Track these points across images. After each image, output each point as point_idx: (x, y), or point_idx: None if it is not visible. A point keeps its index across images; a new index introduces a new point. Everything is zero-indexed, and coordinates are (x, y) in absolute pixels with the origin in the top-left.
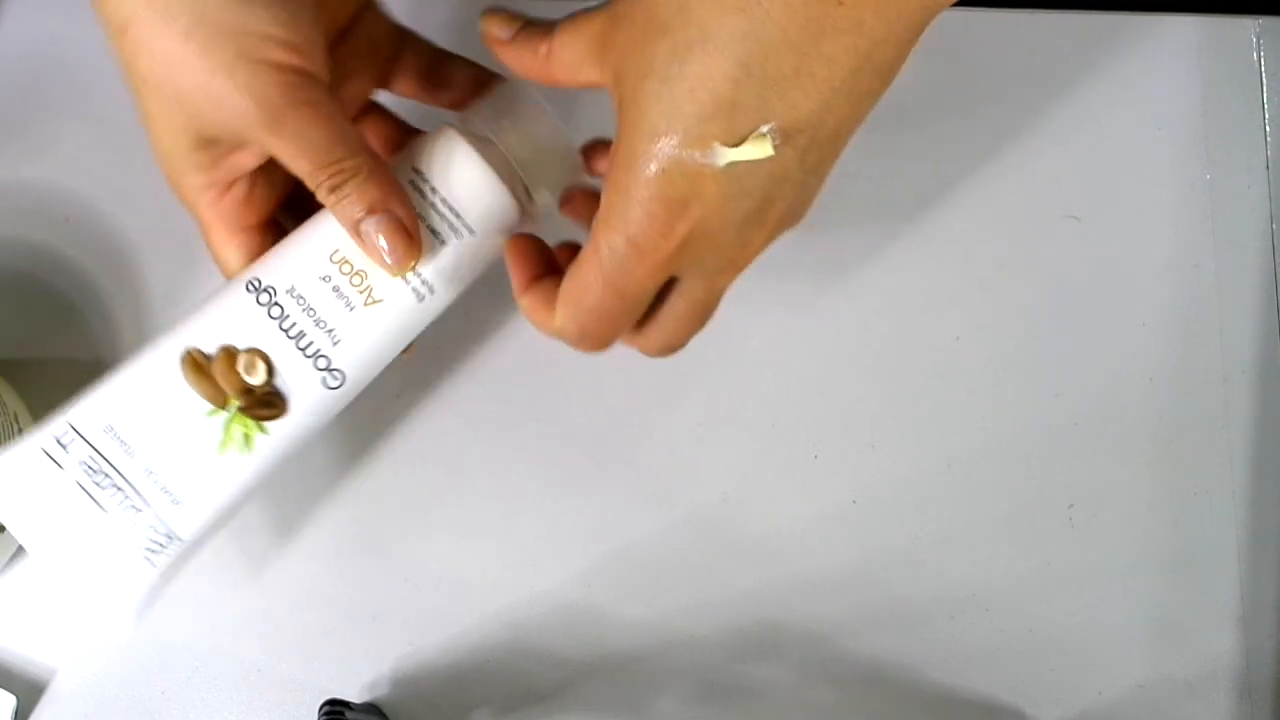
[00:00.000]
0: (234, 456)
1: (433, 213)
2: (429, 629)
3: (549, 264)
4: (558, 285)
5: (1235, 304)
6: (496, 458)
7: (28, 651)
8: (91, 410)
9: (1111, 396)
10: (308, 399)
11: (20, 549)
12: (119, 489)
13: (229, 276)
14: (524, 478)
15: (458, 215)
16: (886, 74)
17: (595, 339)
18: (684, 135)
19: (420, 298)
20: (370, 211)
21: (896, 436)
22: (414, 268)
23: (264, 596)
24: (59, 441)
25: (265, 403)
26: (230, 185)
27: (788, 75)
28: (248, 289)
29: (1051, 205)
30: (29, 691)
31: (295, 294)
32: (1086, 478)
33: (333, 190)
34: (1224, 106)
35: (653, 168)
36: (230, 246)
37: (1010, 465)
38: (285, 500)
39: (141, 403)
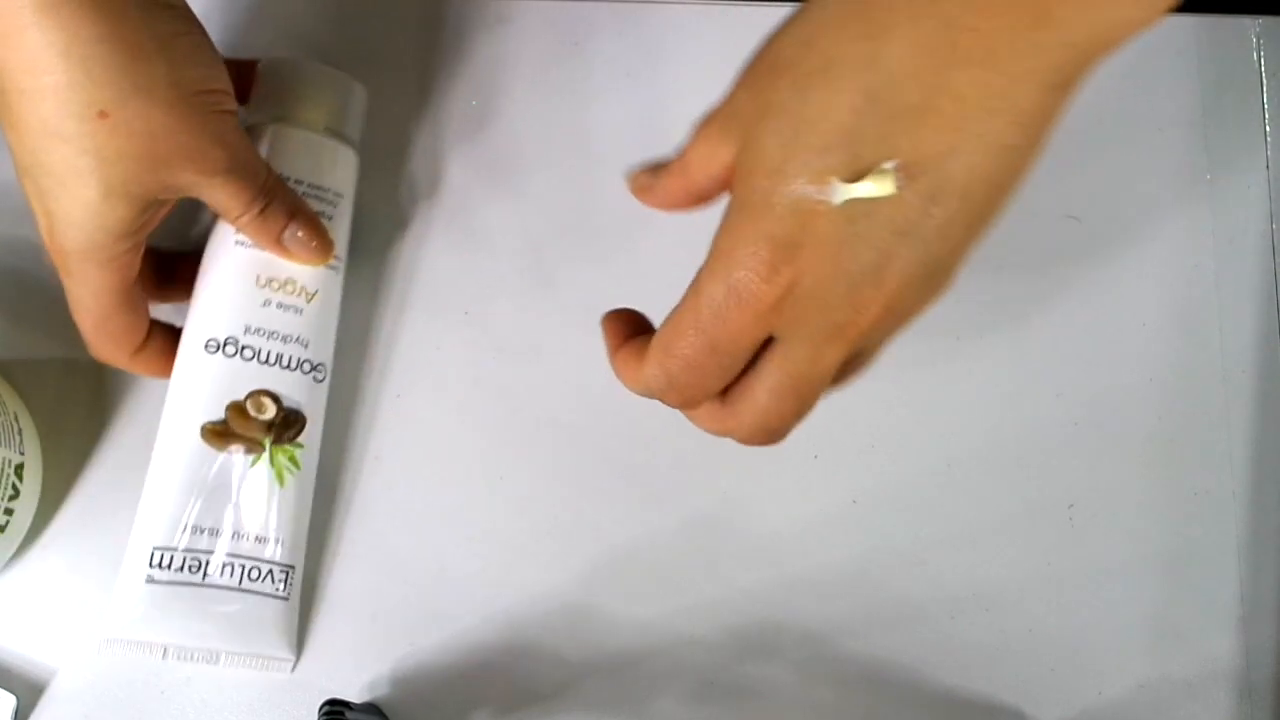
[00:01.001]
0: (293, 481)
1: (308, 199)
2: (429, 629)
3: (641, 326)
4: (648, 344)
5: (1235, 304)
6: (497, 458)
7: (28, 651)
8: (159, 521)
9: (1111, 396)
10: (311, 400)
11: (20, 549)
12: (228, 565)
13: (122, 336)
14: (524, 477)
15: (325, 189)
16: (1029, 125)
17: (683, 392)
18: (801, 168)
19: (337, 270)
20: (289, 220)
21: (896, 436)
22: (334, 251)
23: None
24: (156, 564)
25: (287, 425)
26: (141, 244)
27: (913, 107)
28: (209, 350)
29: (1051, 205)
30: (29, 691)
31: (253, 330)
32: (1086, 478)
33: (261, 211)
34: (1224, 107)
35: (762, 208)
36: (127, 308)
37: (1010, 465)
38: None
39: (194, 489)
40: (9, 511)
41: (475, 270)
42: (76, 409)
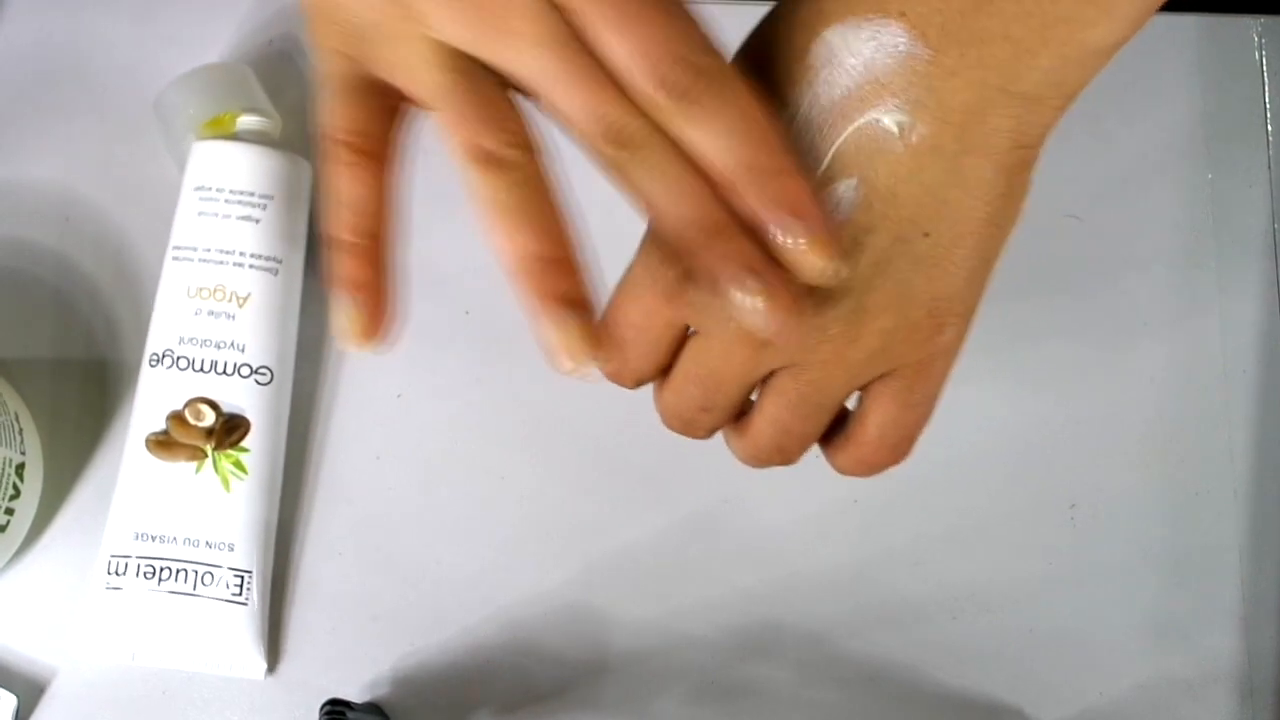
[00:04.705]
0: (240, 485)
1: (234, 207)
2: (429, 629)
3: None
4: None
5: (1236, 304)
6: (497, 458)
7: (29, 651)
8: (115, 532)
9: (1112, 396)
10: (258, 405)
11: (21, 549)
12: (182, 570)
13: None
14: (525, 478)
15: (250, 194)
16: (961, 127)
17: (610, 362)
18: None
19: (274, 273)
20: None
21: None
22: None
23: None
24: (113, 572)
25: (230, 431)
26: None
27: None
28: (151, 364)
29: (1051, 205)
30: (30, 691)
31: (186, 340)
32: (1087, 478)
33: None
34: (1225, 106)
35: None
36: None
37: (1010, 465)
38: (284, 502)
39: (144, 499)
40: (10, 511)
41: (475, 270)
42: (77, 409)
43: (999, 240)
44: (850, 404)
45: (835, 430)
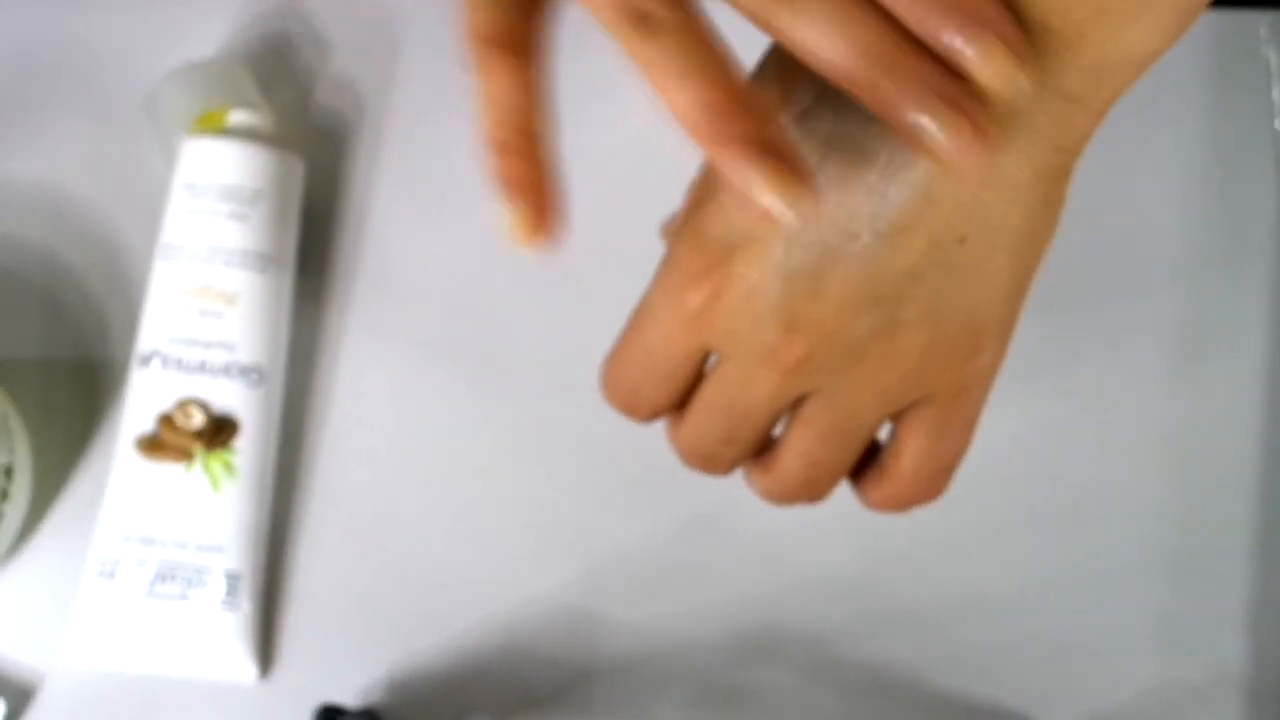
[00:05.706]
0: (229, 487)
1: (223, 204)
2: (425, 633)
3: None
4: None
5: (1243, 303)
6: (494, 459)
7: (17, 656)
8: (105, 534)
9: (1116, 396)
10: (247, 405)
11: (9, 551)
12: (172, 573)
13: None
14: (523, 480)
15: (240, 190)
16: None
17: (619, 393)
18: None
19: (264, 271)
20: None
21: None
22: None
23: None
24: (105, 573)
25: (219, 430)
26: None
27: None
28: (140, 365)
29: None
30: (18, 697)
31: (176, 339)
32: (1092, 479)
33: None
34: (1232, 103)
35: (712, 205)
36: None
37: (1013, 466)
38: (278, 504)
39: (134, 501)
40: None
41: (472, 270)
42: (67, 409)
43: (1036, 254)
44: (882, 438)
45: (866, 465)
